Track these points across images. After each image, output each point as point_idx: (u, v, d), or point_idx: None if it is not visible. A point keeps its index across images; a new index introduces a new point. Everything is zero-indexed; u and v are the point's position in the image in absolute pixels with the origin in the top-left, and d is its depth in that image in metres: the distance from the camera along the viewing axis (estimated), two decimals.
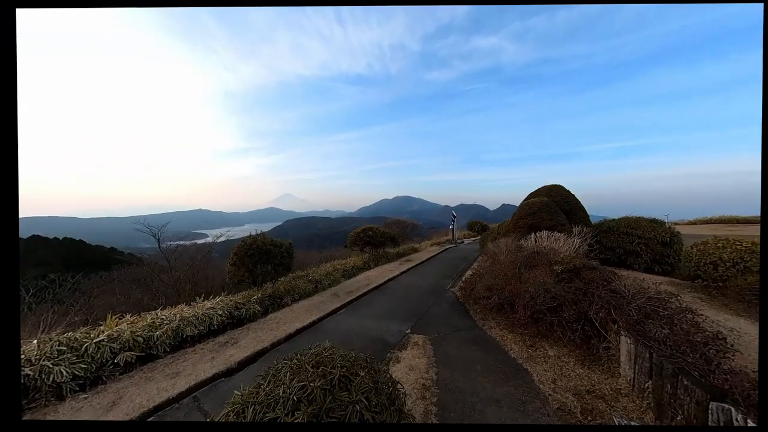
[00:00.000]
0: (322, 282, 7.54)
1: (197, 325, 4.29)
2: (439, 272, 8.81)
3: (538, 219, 7.78)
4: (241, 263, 6.11)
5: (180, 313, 4.40)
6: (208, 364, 3.54)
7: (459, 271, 8.69)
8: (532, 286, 4.22)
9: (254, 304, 5.51)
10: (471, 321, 4.80)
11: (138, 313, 4.48)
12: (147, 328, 3.91)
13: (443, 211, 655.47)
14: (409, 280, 8.01)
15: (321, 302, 5.97)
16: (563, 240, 6.04)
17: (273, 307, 5.91)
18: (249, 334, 4.46)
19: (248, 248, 6.17)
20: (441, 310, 5.39)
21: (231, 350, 3.89)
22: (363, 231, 10.75)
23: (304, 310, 5.47)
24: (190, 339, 4.19)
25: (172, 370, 3.40)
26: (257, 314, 5.37)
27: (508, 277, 4.94)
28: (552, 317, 3.82)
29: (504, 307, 4.58)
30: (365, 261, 10.49)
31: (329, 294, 6.64)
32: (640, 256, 7.33)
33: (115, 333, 3.62)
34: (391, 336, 4.33)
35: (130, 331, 3.73)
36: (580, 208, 9.06)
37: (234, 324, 5.03)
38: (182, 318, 4.27)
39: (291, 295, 6.41)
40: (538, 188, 9.84)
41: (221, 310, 4.86)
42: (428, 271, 9.09)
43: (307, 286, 7.00)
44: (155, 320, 4.10)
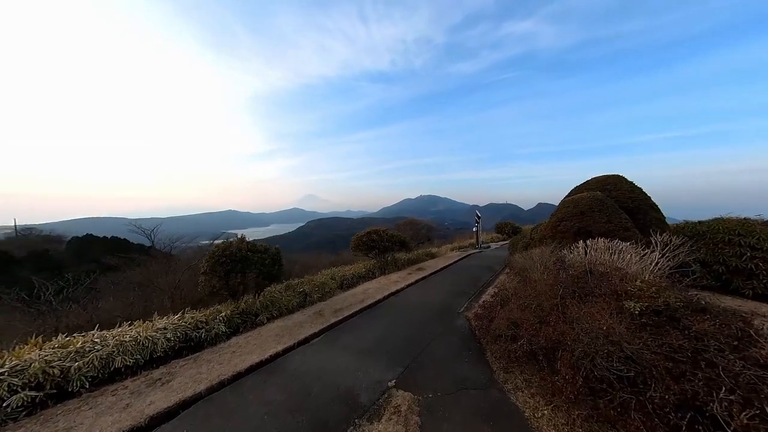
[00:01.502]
0: (312, 295, 6.55)
1: (133, 353, 3.52)
2: (454, 286, 7.23)
3: (589, 221, 5.83)
4: (213, 272, 5.34)
5: (119, 336, 3.68)
6: (115, 416, 2.67)
7: (479, 287, 7.03)
8: (585, 330, 2.65)
9: (219, 323, 4.67)
10: (487, 372, 3.31)
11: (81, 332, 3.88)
12: (70, 355, 3.22)
13: (471, 211, 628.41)
14: (415, 295, 6.62)
15: (298, 323, 4.93)
16: (632, 253, 4.14)
17: (244, 326, 5.04)
18: (192, 367, 3.56)
19: (220, 255, 5.40)
20: (446, 348, 3.96)
21: (155, 394, 3.00)
22: (367, 234, 9.57)
23: (274, 335, 4.47)
24: (123, 370, 3.44)
25: (63, 426, 2.58)
26: (220, 336, 4.51)
27: (544, 309, 3.36)
28: (626, 393, 2.24)
29: (538, 357, 3.03)
30: (369, 268, 9.31)
31: (313, 312, 5.58)
32: (754, 277, 5.00)
33: (24, 362, 2.95)
34: (365, 389, 3.07)
35: (45, 360, 3.05)
36: (652, 206, 6.71)
37: (191, 348, 4.22)
38: (119, 342, 3.54)
39: (269, 311, 5.50)
40: (587, 180, 7.66)
41: (174, 332, 4.08)
42: (441, 284, 7.57)
43: (292, 299, 6.04)
44: (85, 344, 3.41)
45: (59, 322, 7.14)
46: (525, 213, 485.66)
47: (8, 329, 7.12)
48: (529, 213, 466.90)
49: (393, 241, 9.92)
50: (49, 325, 7.02)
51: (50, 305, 8.23)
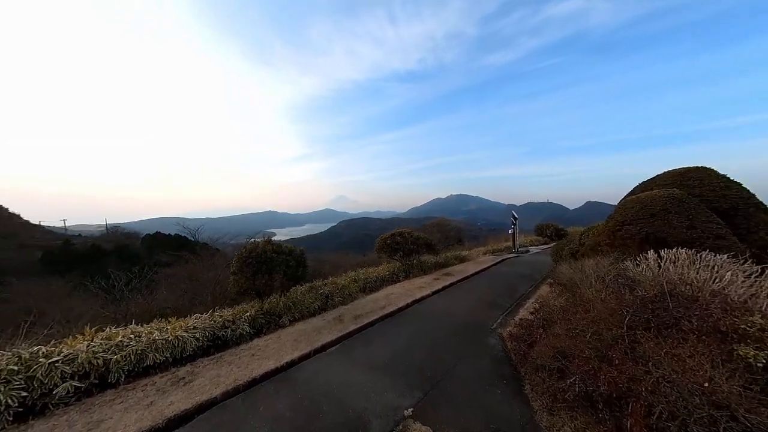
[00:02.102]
0: (333, 298, 6.46)
1: (164, 351, 3.74)
2: (487, 296, 6.49)
3: (663, 225, 4.66)
4: (241, 272, 5.56)
5: (148, 333, 3.95)
6: (139, 413, 2.79)
7: (515, 299, 6.20)
8: (669, 379, 1.95)
9: (244, 323, 4.80)
10: (525, 411, 2.74)
11: (125, 325, 4.29)
12: (111, 348, 3.53)
13: (506, 211, 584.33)
14: (441, 304, 6.09)
15: (317, 329, 4.83)
16: (736, 271, 3.07)
17: (268, 327, 5.12)
18: (214, 368, 3.64)
19: (247, 256, 5.58)
20: (475, 372, 3.44)
21: (177, 394, 3.09)
22: (391, 236, 9.25)
23: (292, 339, 4.42)
24: (155, 366, 3.66)
25: (96, 418, 2.76)
26: (244, 337, 4.63)
27: (603, 340, 2.65)
28: None
29: (595, 404, 2.38)
30: (394, 271, 8.99)
31: (333, 316, 5.46)
32: None
33: (75, 351, 3.29)
34: (378, 415, 2.75)
35: (92, 351, 3.37)
36: (758, 206, 5.12)
37: (218, 346, 4.38)
38: (151, 341, 3.79)
39: (291, 313, 5.53)
40: (657, 175, 6.22)
41: (203, 332, 4.27)
42: (471, 293, 6.87)
43: (314, 302, 6.02)
44: (124, 339, 3.71)
45: (127, 309, 8.24)
46: (570, 213, 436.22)
47: (88, 312, 8.42)
48: (576, 213, 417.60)
49: (419, 244, 9.45)
50: (119, 312, 8.13)
51: (122, 294, 9.58)
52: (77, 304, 8.99)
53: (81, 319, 7.12)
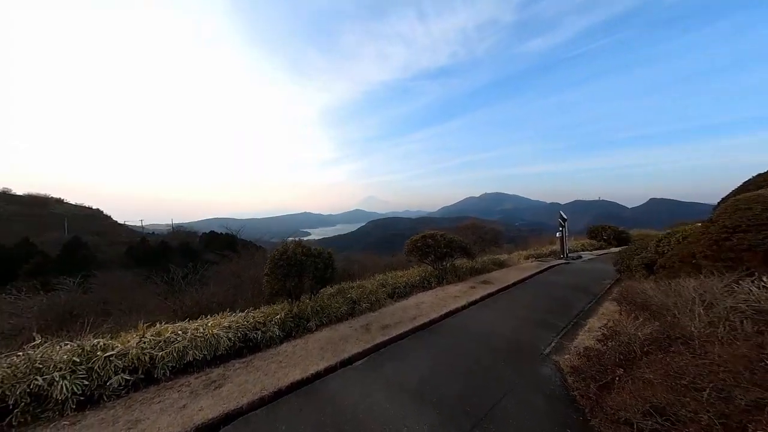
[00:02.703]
0: (360, 303, 6.24)
1: (202, 349, 3.87)
2: (534, 312, 5.59)
3: None
4: (273, 274, 5.65)
5: (193, 331, 4.14)
6: (172, 416, 2.84)
7: (572, 318, 5.20)
8: None
9: (274, 326, 4.82)
10: None
11: (174, 321, 4.60)
12: (158, 344, 3.76)
13: (548, 210, 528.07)
14: (479, 318, 5.39)
15: (344, 337, 4.62)
16: None
17: (296, 331, 5.09)
18: (243, 373, 3.63)
19: (279, 258, 5.66)
20: (527, 413, 2.79)
21: (207, 399, 3.11)
22: (422, 238, 8.73)
23: (319, 348, 4.26)
24: (193, 363, 3.81)
25: (136, 416, 2.88)
26: (274, 340, 4.63)
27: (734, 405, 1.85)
28: None
29: None
30: (425, 276, 8.46)
31: (360, 324, 5.21)
32: None
33: (127, 347, 3.55)
34: None
35: (141, 347, 3.62)
36: None
37: (249, 348, 4.45)
38: (192, 337, 3.97)
39: (319, 317, 5.43)
40: None
41: (236, 332, 4.37)
42: (514, 307, 6.01)
43: (341, 307, 5.86)
44: (171, 336, 3.94)
45: (183, 303, 9.15)
46: (629, 212, 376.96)
47: (151, 302, 9.55)
48: (636, 212, 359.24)
49: (452, 247, 8.77)
50: (176, 304, 9.07)
51: (180, 286, 10.73)
52: (144, 295, 10.37)
53: (143, 310, 8.09)
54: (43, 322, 5.76)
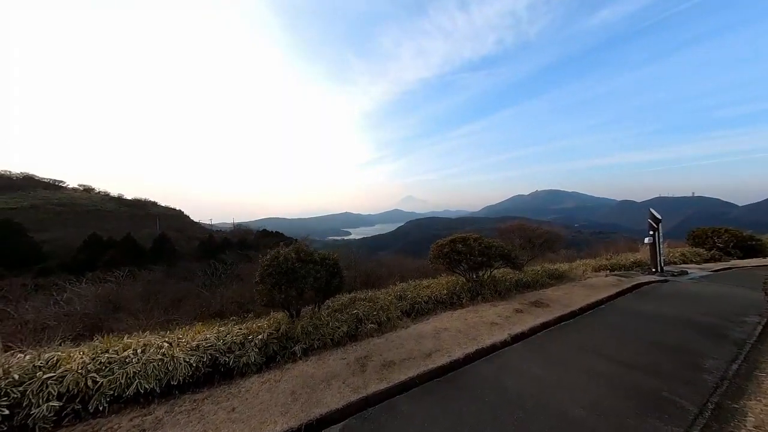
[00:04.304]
0: (366, 323, 5.01)
1: (150, 379, 3.17)
2: (626, 367, 3.42)
3: None
4: (262, 283, 4.87)
5: (156, 349, 3.51)
6: None
7: (709, 389, 2.92)
8: None
9: (253, 348, 3.96)
10: None
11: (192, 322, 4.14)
12: (111, 365, 3.20)
13: (619, 209, 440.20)
14: (526, 370, 3.46)
15: (329, 376, 3.44)
16: None
17: (281, 356, 4.15)
18: (182, 421, 2.75)
19: (268, 265, 4.84)
20: None
21: None
22: (450, 243, 7.03)
23: (290, 391, 3.17)
24: (141, 395, 3.14)
25: None
26: (250, 368, 3.75)
27: None
28: None
29: None
30: (453, 290, 6.79)
31: (357, 356, 3.97)
32: None
33: (68, 370, 3.01)
34: None
35: (87, 369, 3.08)
36: None
37: (222, 374, 3.66)
38: (148, 360, 3.33)
39: (310, 339, 4.40)
40: None
41: (202, 354, 3.62)
42: (587, 351, 3.86)
43: (340, 326, 4.73)
44: (128, 355, 3.36)
45: (210, 302, 9.29)
46: (739, 211, 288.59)
47: (186, 302, 9.97)
48: (750, 212, 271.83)
49: (489, 254, 6.86)
50: (204, 305, 9.22)
51: (219, 280, 11.13)
52: (181, 289, 11.13)
53: (168, 308, 8.35)
54: (60, 321, 6.08)
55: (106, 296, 8.37)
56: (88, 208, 49.62)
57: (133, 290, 9.15)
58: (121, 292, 8.71)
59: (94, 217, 47.91)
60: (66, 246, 34.13)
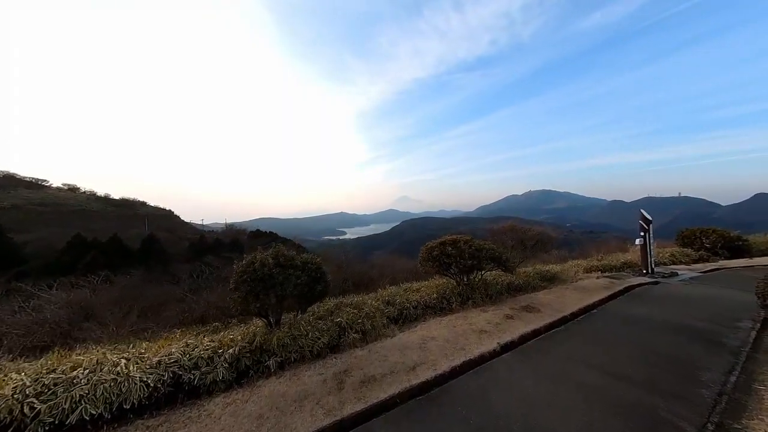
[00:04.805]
0: (350, 332, 4.73)
1: (97, 403, 2.83)
2: (619, 379, 3.26)
3: None
4: (237, 290, 4.55)
5: (111, 367, 3.16)
6: None
7: (708, 406, 2.75)
8: None
9: (222, 363, 3.64)
10: None
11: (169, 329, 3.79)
12: (55, 387, 2.85)
13: (610, 209, 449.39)
14: (515, 383, 3.26)
15: (302, 395, 3.16)
16: None
17: (254, 370, 3.84)
18: None
19: (242, 272, 4.52)
20: None
21: None
22: (440, 245, 6.80)
23: (256, 414, 2.88)
24: (87, 422, 2.80)
25: None
26: (217, 385, 3.44)
27: None
28: None
29: None
30: (443, 293, 6.57)
31: (337, 369, 3.69)
32: None
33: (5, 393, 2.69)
34: None
35: (25, 392, 2.73)
36: None
37: (186, 392, 3.34)
38: (98, 381, 2.99)
39: (286, 351, 4.10)
40: None
41: (163, 371, 3.30)
42: (579, 361, 3.69)
43: (321, 336, 4.44)
44: (77, 375, 3.01)
45: (192, 307, 8.85)
46: (723, 211, 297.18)
47: (167, 306, 9.51)
48: (733, 211, 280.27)
49: (480, 257, 6.66)
50: (186, 310, 8.79)
51: (203, 284, 10.61)
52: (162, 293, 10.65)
53: (143, 315, 7.91)
54: (27, 330, 5.65)
55: (78, 303, 7.89)
56: (73, 208, 48.02)
57: (109, 296, 8.67)
58: (96, 298, 8.24)
59: (79, 218, 46.42)
60: (49, 247, 32.95)
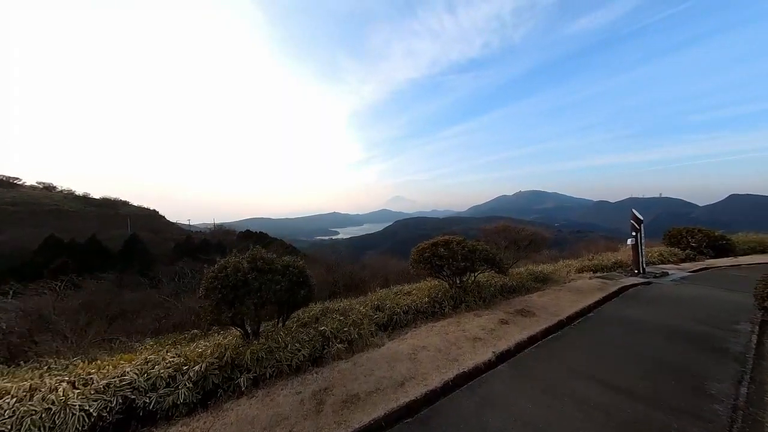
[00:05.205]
0: (334, 341, 4.35)
1: None
2: (623, 394, 2.99)
3: None
4: (207, 298, 4.10)
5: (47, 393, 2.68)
6: None
7: (725, 425, 2.52)
8: None
9: (186, 384, 3.19)
10: None
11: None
12: None
13: (596, 209, 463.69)
14: (512, 400, 2.98)
15: (275, 419, 2.77)
16: None
17: (225, 389, 3.42)
18: None
19: (213, 277, 4.07)
20: None
21: None
22: (432, 247, 6.50)
23: None
24: None
25: None
26: (179, 409, 3.01)
27: None
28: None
29: None
30: (436, 297, 6.27)
31: (317, 386, 3.31)
32: None
33: None
34: None
35: None
36: None
37: (141, 420, 2.90)
38: (27, 411, 2.52)
39: (261, 366, 3.68)
40: None
41: (111, 397, 2.84)
42: (580, 372, 3.47)
43: (301, 349, 4.04)
44: (2, 405, 2.53)
45: (173, 312, 8.26)
46: (700, 211, 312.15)
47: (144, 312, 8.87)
48: (709, 211, 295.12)
49: (473, 259, 6.39)
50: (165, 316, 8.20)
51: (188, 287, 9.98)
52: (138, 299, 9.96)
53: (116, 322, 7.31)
54: None
55: (37, 311, 7.19)
56: (49, 208, 45.52)
57: (76, 302, 7.97)
58: (58, 306, 7.54)
59: (55, 218, 44.03)
60: (23, 248, 31.01)
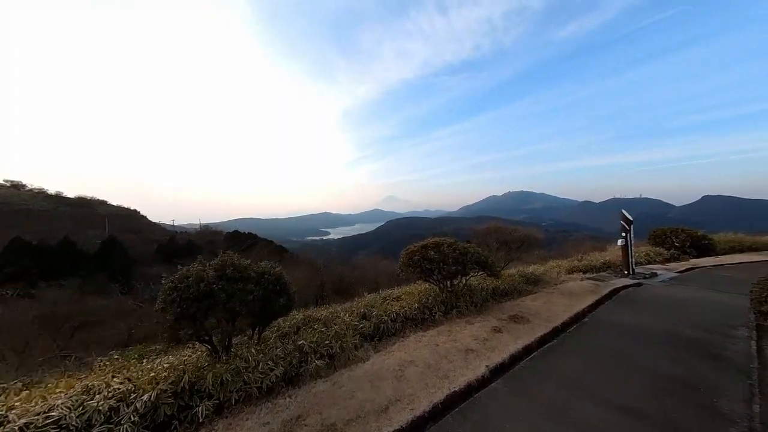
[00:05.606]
0: (311, 357, 3.93)
1: None
2: (628, 415, 2.74)
3: None
4: (165, 312, 3.60)
5: None
6: None
7: None
8: None
9: (130, 417, 2.71)
10: None
11: None
12: None
13: (581, 209, 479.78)
14: (513, 425, 2.65)
15: None
16: None
17: (181, 420, 2.95)
18: None
19: (173, 288, 3.57)
20: None
21: None
22: (422, 249, 6.17)
23: None
24: None
25: None
26: None
27: None
28: None
29: None
30: (426, 303, 5.94)
31: (290, 414, 2.89)
32: None
33: None
34: None
35: None
36: None
37: None
38: None
39: (226, 390, 3.22)
40: None
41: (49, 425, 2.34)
42: (581, 389, 3.21)
43: (275, 367, 3.60)
44: None
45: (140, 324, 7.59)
46: (677, 211, 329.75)
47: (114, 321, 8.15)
48: (685, 212, 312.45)
49: (464, 262, 6.11)
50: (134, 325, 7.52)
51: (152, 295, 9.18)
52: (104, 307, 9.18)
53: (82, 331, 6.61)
54: None
55: None
56: (17, 207, 42.48)
57: (29, 315, 7.17)
58: (7, 319, 6.75)
59: (23, 218, 41.12)
60: None
